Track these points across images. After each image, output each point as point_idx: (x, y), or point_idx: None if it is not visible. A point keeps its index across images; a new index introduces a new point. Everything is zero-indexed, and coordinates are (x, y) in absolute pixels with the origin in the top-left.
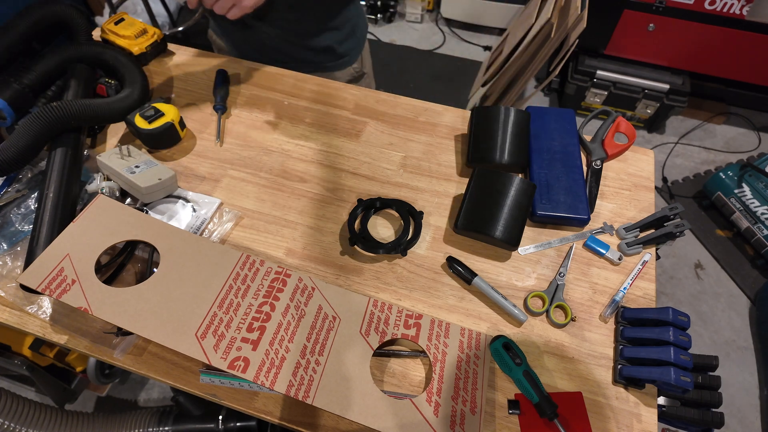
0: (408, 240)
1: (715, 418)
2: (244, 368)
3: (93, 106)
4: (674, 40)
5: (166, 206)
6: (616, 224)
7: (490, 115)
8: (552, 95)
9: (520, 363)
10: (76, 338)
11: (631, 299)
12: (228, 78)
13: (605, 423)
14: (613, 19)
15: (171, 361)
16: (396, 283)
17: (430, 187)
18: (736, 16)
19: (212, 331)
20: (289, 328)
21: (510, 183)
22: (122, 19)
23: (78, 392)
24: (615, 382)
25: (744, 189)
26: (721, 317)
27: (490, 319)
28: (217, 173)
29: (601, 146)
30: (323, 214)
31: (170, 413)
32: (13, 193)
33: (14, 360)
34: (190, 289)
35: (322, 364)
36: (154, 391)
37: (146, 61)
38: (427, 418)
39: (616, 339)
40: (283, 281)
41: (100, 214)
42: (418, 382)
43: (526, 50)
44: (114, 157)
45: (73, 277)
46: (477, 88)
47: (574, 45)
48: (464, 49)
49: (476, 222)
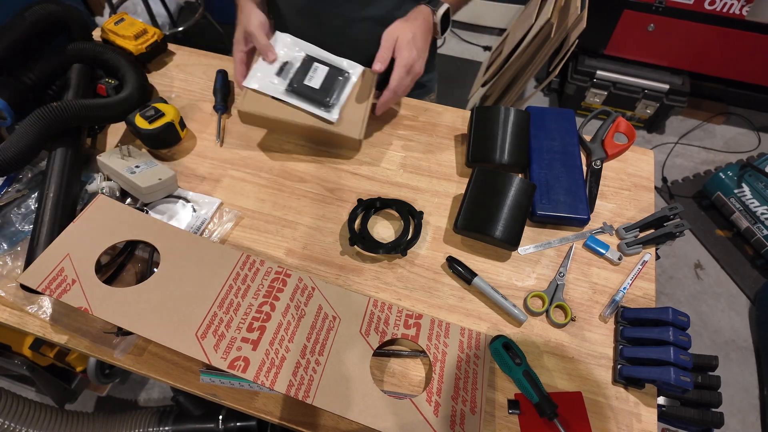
0: (408, 240)
1: (715, 417)
2: (244, 368)
3: (93, 106)
4: (674, 40)
5: (166, 206)
6: (615, 224)
7: (490, 115)
8: (552, 95)
9: (520, 363)
10: (76, 338)
11: (630, 299)
12: (228, 78)
13: (605, 423)
14: (613, 19)
15: (171, 361)
16: (396, 283)
17: (430, 187)
18: (736, 16)
19: (212, 331)
20: (289, 328)
21: (510, 183)
22: (122, 19)
23: (78, 392)
24: (615, 382)
25: (744, 189)
26: (721, 317)
27: (490, 319)
28: (217, 173)
29: (601, 146)
30: (323, 214)
31: (170, 413)
32: (14, 193)
33: (14, 360)
34: (190, 289)
35: (322, 364)
36: (154, 391)
37: (146, 61)
38: (427, 418)
39: (615, 339)
40: (283, 281)
41: (101, 214)
42: (418, 382)
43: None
44: (114, 157)
45: (73, 277)
46: (477, 88)
47: (574, 45)
48: (464, 49)
49: (476, 222)
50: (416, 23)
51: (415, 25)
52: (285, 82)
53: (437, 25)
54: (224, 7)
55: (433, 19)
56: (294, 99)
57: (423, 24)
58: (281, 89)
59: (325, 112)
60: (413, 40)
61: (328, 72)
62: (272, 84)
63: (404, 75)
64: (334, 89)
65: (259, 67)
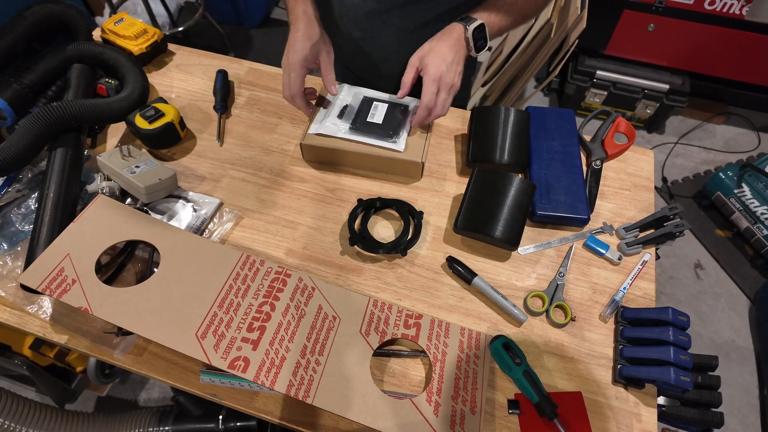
0: (408, 240)
1: (715, 417)
2: (244, 368)
3: (93, 106)
4: (674, 40)
5: (166, 206)
6: (615, 224)
7: (490, 115)
8: (552, 95)
9: (519, 363)
10: (76, 338)
11: (630, 299)
12: (228, 78)
13: (605, 423)
14: (613, 19)
15: (171, 361)
16: (396, 283)
17: (430, 187)
18: (736, 16)
19: (212, 331)
20: (289, 328)
21: (510, 183)
22: (122, 20)
23: (78, 392)
24: (615, 382)
25: (744, 189)
26: (720, 317)
27: (490, 319)
28: (218, 173)
29: (601, 146)
30: (323, 214)
31: (170, 413)
32: (14, 193)
33: (14, 360)
34: (191, 289)
35: (322, 364)
36: (154, 391)
37: (146, 61)
38: (427, 418)
39: (615, 339)
40: (283, 281)
41: (101, 214)
42: (418, 382)
43: (526, 50)
44: (114, 157)
45: (73, 277)
46: (477, 88)
47: (573, 45)
48: None
49: (476, 222)
50: (442, 41)
51: (441, 43)
52: (347, 123)
53: (470, 40)
54: (224, 7)
55: (465, 34)
56: (359, 136)
57: (450, 39)
58: (345, 129)
59: (391, 143)
60: (439, 53)
61: (388, 108)
62: (334, 126)
63: (433, 89)
64: (396, 121)
65: (320, 115)
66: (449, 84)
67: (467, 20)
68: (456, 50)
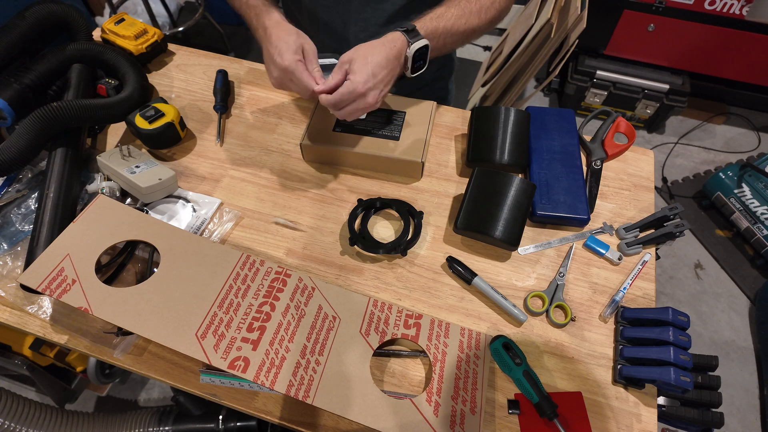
0: (408, 240)
1: (715, 418)
2: (244, 368)
3: (93, 106)
4: (674, 40)
5: (166, 206)
6: (615, 224)
7: (490, 115)
8: (552, 95)
9: (520, 363)
10: (76, 338)
11: (630, 299)
12: (228, 78)
13: (605, 423)
14: (613, 20)
15: (171, 361)
16: (396, 283)
17: (430, 187)
18: (736, 16)
19: (212, 331)
20: (289, 328)
21: (510, 183)
22: (122, 19)
23: (78, 392)
24: (615, 382)
25: (744, 189)
26: (720, 317)
27: (490, 319)
28: (217, 173)
29: (601, 146)
30: (323, 214)
31: (170, 413)
32: (14, 193)
33: (14, 360)
34: (191, 289)
35: (322, 364)
36: (154, 391)
37: (146, 61)
38: (427, 418)
39: (615, 339)
40: (283, 281)
41: (101, 214)
42: (418, 382)
43: (526, 50)
44: (114, 157)
45: (73, 277)
46: (477, 88)
47: (574, 45)
48: (464, 49)
49: (476, 222)
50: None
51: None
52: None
53: (409, 60)
54: (224, 7)
55: (405, 52)
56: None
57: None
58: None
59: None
60: (372, 65)
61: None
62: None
63: (352, 98)
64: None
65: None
66: (369, 105)
67: (412, 35)
68: (390, 69)
